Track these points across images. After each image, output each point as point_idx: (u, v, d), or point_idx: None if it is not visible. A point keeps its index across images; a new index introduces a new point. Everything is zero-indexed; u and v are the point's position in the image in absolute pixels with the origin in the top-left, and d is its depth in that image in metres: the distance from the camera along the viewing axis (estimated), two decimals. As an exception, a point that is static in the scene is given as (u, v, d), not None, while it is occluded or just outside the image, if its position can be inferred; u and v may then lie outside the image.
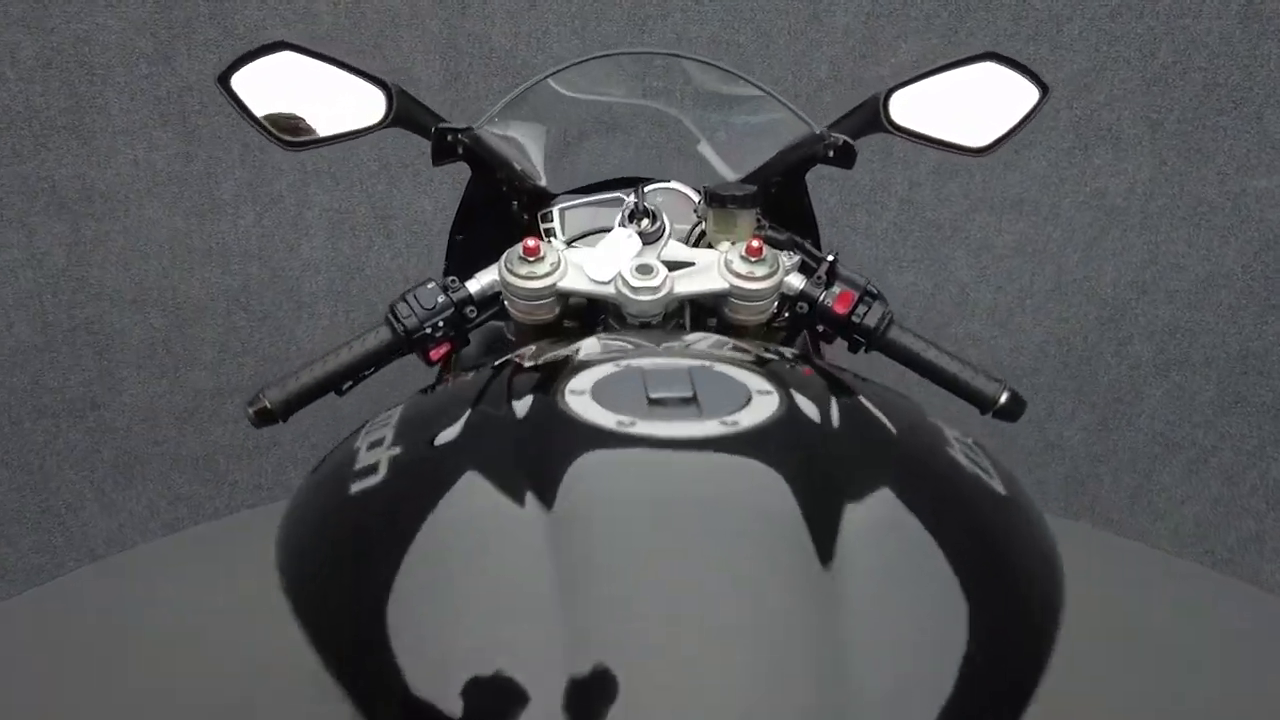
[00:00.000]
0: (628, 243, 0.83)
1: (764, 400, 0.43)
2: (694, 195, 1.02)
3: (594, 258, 0.82)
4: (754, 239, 0.82)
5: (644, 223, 0.85)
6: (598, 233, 0.99)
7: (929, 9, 1.92)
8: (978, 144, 0.93)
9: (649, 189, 0.97)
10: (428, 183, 1.95)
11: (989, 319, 2.13)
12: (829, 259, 0.86)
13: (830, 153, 0.92)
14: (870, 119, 0.92)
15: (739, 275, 0.81)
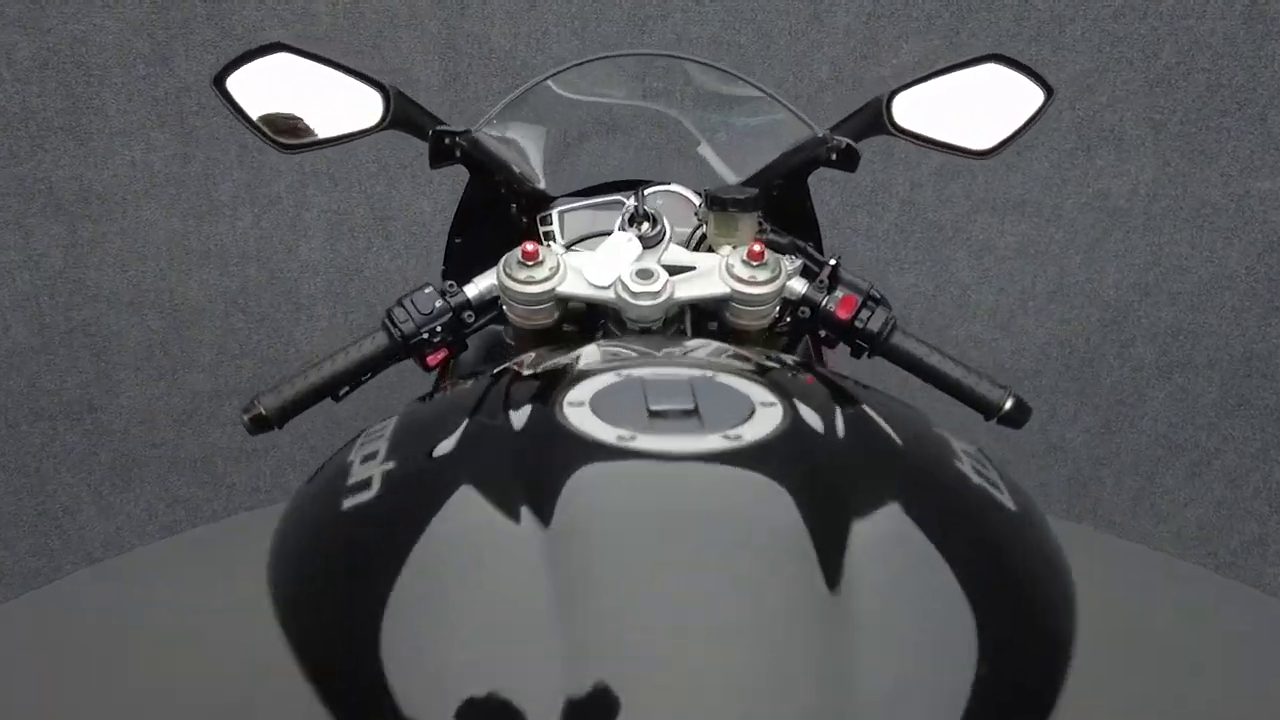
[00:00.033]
0: (628, 247, 0.82)
1: (767, 412, 0.42)
2: (694, 198, 1.01)
3: (593, 262, 0.81)
4: (755, 243, 0.81)
5: (644, 226, 0.84)
6: (597, 236, 0.98)
7: (930, 9, 1.91)
8: (982, 146, 0.92)
9: (649, 191, 0.96)
10: (427, 184, 1.94)
11: (990, 321, 2.12)
12: (831, 263, 0.85)
13: (833, 155, 0.91)
14: (873, 121, 0.92)
15: (740, 279, 0.80)
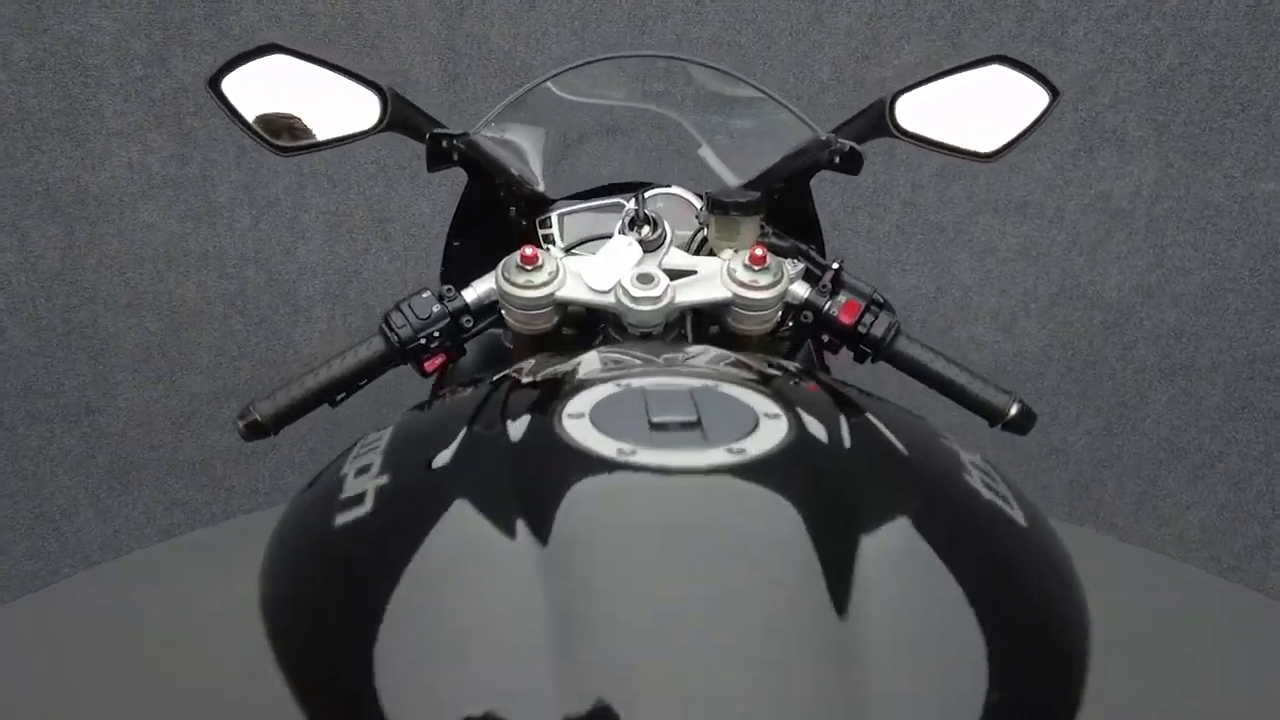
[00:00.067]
0: (628, 251, 0.81)
1: (771, 425, 0.41)
2: (695, 200, 1.00)
3: (593, 266, 0.80)
4: (757, 246, 0.80)
5: (644, 230, 0.83)
6: (597, 239, 0.97)
7: (932, 10, 1.90)
8: (986, 149, 0.90)
9: (649, 194, 0.95)
10: (426, 185, 1.93)
11: (992, 323, 2.11)
12: (834, 266, 0.84)
13: (836, 159, 0.90)
14: (876, 123, 0.90)
15: (742, 284, 0.79)
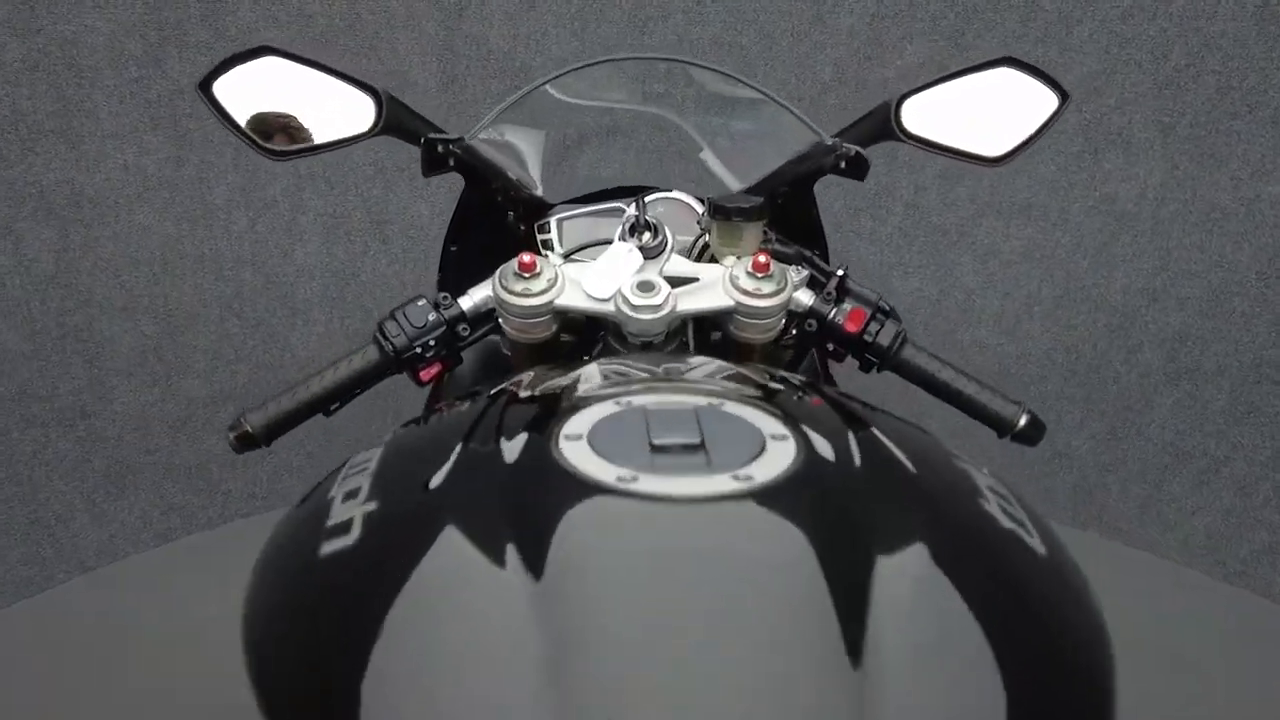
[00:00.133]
0: (628, 258, 0.79)
1: (779, 448, 0.39)
2: (696, 205, 0.98)
3: (593, 274, 0.78)
4: (760, 253, 0.79)
5: (645, 236, 0.81)
6: (597, 244, 0.95)
7: (935, 10, 1.88)
8: (993, 153, 0.89)
9: (650, 199, 0.93)
10: (424, 187, 1.91)
11: (995, 326, 2.09)
12: (839, 273, 0.82)
13: (842, 164, 0.88)
14: (881, 127, 0.89)
15: (745, 292, 0.78)
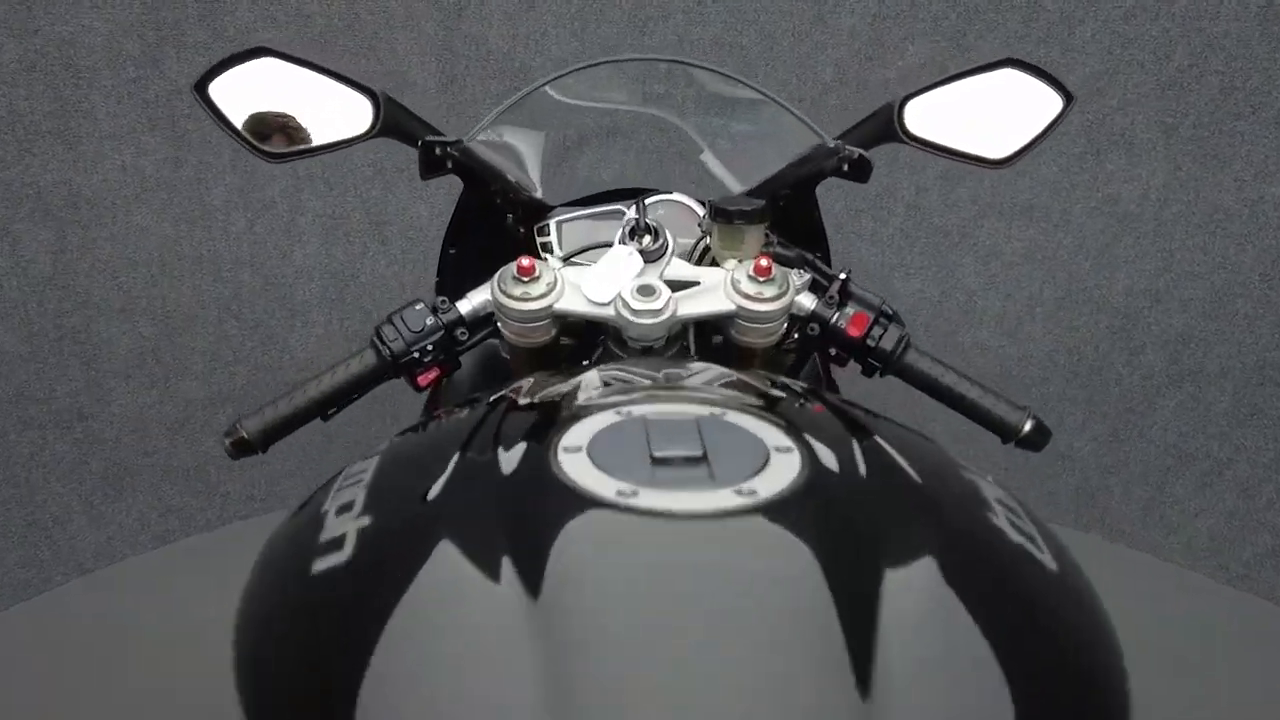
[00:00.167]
0: (628, 261, 0.78)
1: (783, 461, 0.38)
2: (697, 207, 0.97)
3: (592, 277, 0.77)
4: (762, 256, 0.78)
5: (645, 240, 0.81)
6: (597, 247, 0.94)
7: (937, 10, 1.87)
8: (997, 155, 0.88)
9: (650, 201, 0.93)
10: (423, 188, 1.90)
11: (997, 327, 2.08)
12: (841, 277, 0.81)
13: (844, 167, 0.87)
14: (884, 128, 0.88)
15: (746, 296, 0.77)
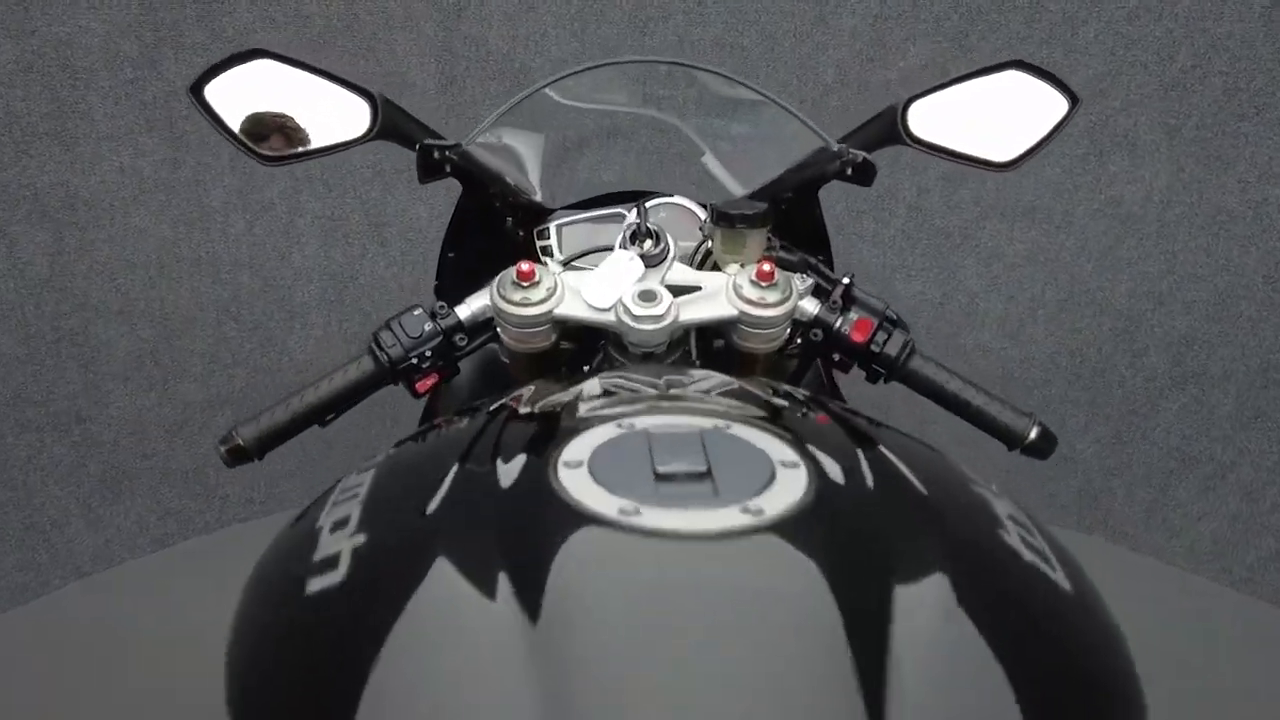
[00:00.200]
0: (629, 266, 0.77)
1: (790, 476, 0.37)
2: (699, 211, 0.96)
3: (593, 282, 0.76)
4: (764, 261, 0.77)
5: (646, 244, 0.80)
6: (597, 251, 0.93)
7: (939, 11, 1.86)
8: (1002, 158, 0.87)
9: (651, 205, 0.92)
10: (422, 189, 1.89)
11: (999, 329, 2.07)
12: (845, 281, 0.80)
13: (848, 170, 0.86)
14: (887, 131, 0.87)
15: (749, 301, 0.76)
